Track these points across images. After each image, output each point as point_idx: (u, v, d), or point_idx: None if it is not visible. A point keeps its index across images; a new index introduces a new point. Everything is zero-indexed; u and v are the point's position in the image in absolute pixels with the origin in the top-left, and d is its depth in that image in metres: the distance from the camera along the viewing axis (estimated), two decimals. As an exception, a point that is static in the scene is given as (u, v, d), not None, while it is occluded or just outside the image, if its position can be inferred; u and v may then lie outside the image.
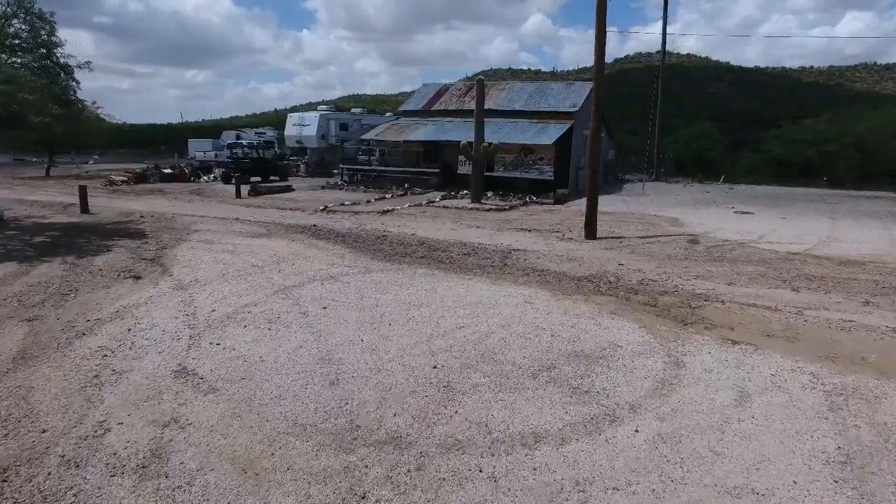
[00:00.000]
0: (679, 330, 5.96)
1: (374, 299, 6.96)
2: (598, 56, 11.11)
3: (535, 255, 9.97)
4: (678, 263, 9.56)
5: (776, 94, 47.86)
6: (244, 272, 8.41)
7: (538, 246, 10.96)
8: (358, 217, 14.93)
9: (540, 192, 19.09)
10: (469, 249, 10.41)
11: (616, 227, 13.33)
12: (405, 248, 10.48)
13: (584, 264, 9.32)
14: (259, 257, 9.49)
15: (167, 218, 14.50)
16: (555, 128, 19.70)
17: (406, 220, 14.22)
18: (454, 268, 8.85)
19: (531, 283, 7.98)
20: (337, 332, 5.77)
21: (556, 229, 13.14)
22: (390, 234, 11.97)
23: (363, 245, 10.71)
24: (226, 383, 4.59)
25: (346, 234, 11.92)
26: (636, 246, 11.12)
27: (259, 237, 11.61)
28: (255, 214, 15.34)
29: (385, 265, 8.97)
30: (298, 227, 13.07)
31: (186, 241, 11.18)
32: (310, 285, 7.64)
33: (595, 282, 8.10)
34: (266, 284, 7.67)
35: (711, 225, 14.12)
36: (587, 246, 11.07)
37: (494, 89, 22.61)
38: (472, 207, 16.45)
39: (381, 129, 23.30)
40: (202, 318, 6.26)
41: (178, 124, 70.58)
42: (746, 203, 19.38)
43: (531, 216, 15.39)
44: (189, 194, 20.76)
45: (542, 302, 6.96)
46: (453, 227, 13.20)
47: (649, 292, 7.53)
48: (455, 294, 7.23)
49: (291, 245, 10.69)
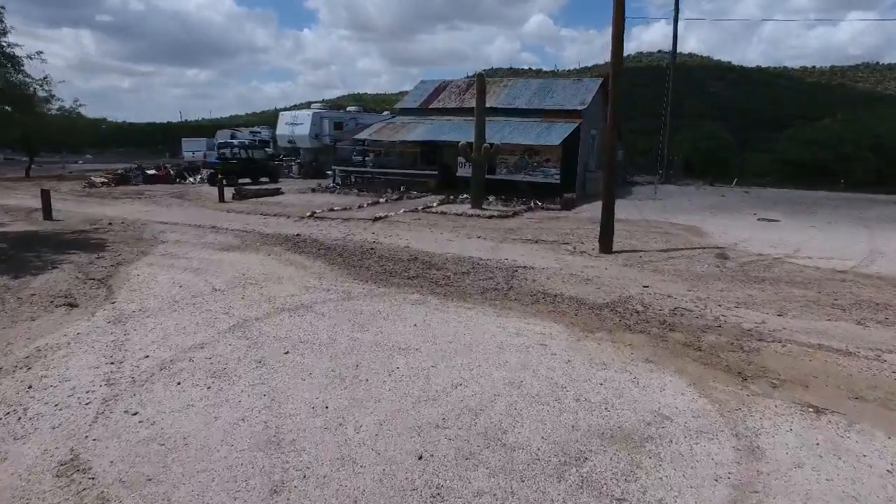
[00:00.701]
0: (740, 389, 4.62)
1: (350, 340, 5.62)
2: (615, 42, 9.76)
3: (545, 275, 8.63)
4: (712, 285, 8.22)
5: (778, 93, 46.58)
6: (201, 298, 7.07)
7: (547, 262, 9.62)
8: (347, 225, 13.59)
9: (545, 197, 17.74)
10: (468, 267, 9.07)
11: (632, 238, 11.99)
12: (395, 264, 9.15)
13: (602, 287, 7.98)
14: (224, 277, 8.15)
15: (137, 226, 13.17)
16: (561, 127, 18.34)
17: (399, 229, 12.88)
18: (451, 292, 7.51)
19: (543, 314, 6.64)
20: (296, 394, 4.43)
21: (566, 240, 11.79)
22: (380, 247, 10.64)
23: (348, 261, 9.37)
24: (124, 488, 3.25)
25: (331, 247, 10.58)
26: (659, 262, 9.78)
27: (231, 250, 10.28)
28: (234, 221, 14.01)
29: (370, 288, 7.62)
30: (279, 237, 11.74)
31: (148, 254, 9.86)
32: (276, 318, 6.30)
33: (619, 312, 6.76)
34: (222, 316, 6.33)
35: (737, 235, 12.78)
36: (603, 262, 9.73)
37: (496, 86, 21.25)
38: (472, 214, 15.11)
39: (375, 128, 21.95)
40: (129, 368, 4.92)
41: (178, 123, 69.39)
42: (767, 208, 18.03)
43: (537, 224, 14.04)
44: (169, 197, 19.42)
45: (559, 343, 5.62)
46: (451, 238, 11.86)
47: (688, 328, 6.19)
48: (451, 332, 5.89)
49: (265, 261, 9.35)
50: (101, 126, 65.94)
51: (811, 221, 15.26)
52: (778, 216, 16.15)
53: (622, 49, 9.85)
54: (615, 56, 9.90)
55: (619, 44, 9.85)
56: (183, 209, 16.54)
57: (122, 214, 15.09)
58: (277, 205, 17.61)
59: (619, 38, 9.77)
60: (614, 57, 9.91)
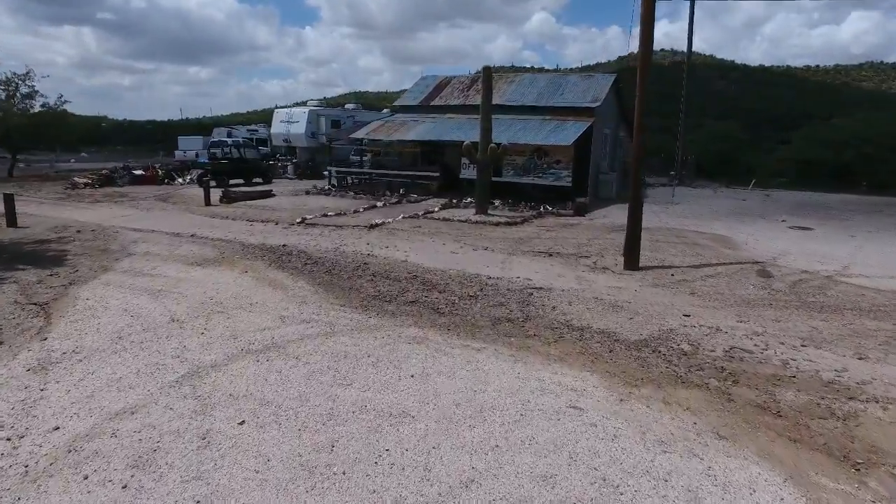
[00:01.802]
0: (856, 487, 3.36)
1: (327, 400, 4.36)
2: (644, 28, 8.48)
3: (566, 299, 7.37)
4: (764, 313, 6.96)
5: (783, 92, 45.27)
6: (153, 333, 5.81)
7: (566, 281, 8.36)
8: (340, 233, 12.33)
9: (556, 201, 16.47)
10: (476, 288, 7.81)
11: (657, 251, 10.71)
12: (391, 284, 7.89)
13: (635, 316, 6.71)
14: (188, 302, 6.90)
15: (107, 234, 11.92)
16: (573, 126, 17.05)
17: (397, 239, 11.62)
18: (456, 325, 6.25)
19: (570, 356, 5.38)
20: (243, 499, 3.18)
21: (584, 253, 10.52)
22: (375, 261, 9.38)
23: (336, 280, 8.11)
24: None
25: (319, 261, 9.33)
26: (694, 281, 8.51)
27: (205, 265, 9.03)
28: (217, 229, 12.76)
29: (359, 319, 6.36)
30: (263, 248, 10.49)
31: (109, 271, 8.61)
32: (238, 364, 5.04)
33: (663, 353, 5.50)
34: (171, 362, 5.07)
35: (772, 247, 11.51)
36: (631, 282, 8.46)
37: (502, 82, 19.95)
38: (478, 220, 13.85)
39: (373, 126, 20.66)
40: (27, 450, 3.67)
41: (178, 121, 68.26)
42: (794, 214, 16.74)
43: (549, 232, 12.77)
44: (153, 200, 18.16)
45: (598, 405, 4.36)
46: (454, 250, 10.60)
47: (754, 378, 4.93)
48: (458, 387, 4.63)
49: (241, 280, 8.10)
50: (101, 124, 65.24)
51: (848, 230, 13.97)
52: (809, 223, 14.87)
53: (652, 35, 8.57)
54: (644, 43, 8.61)
55: (649, 30, 8.57)
56: (164, 214, 15.29)
57: (97, 220, 13.85)
58: (267, 209, 16.36)
59: (648, 21, 8.48)
60: (643, 45, 8.62)
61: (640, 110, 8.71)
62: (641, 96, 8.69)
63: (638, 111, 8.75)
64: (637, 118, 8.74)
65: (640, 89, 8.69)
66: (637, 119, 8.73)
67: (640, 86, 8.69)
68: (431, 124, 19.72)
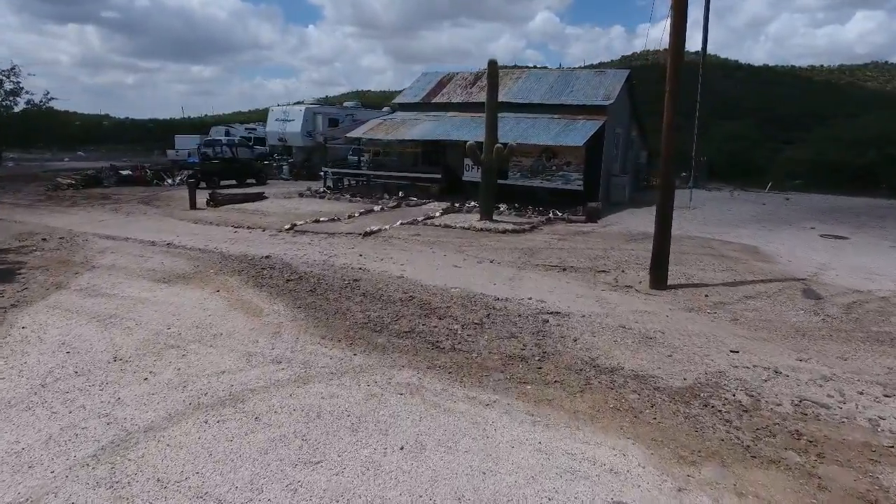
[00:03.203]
0: None
1: (286, 493, 3.25)
2: (676, 12, 7.35)
3: (588, 328, 6.26)
4: (825, 347, 5.84)
5: (788, 92, 44.17)
6: (85, 378, 4.72)
7: (586, 304, 7.25)
8: (331, 242, 11.24)
9: (565, 206, 15.35)
10: (482, 312, 6.71)
11: (683, 264, 9.59)
12: (383, 308, 6.79)
13: (674, 352, 5.60)
14: (141, 333, 5.81)
15: (76, 243, 10.85)
16: (583, 125, 15.92)
17: (393, 249, 10.52)
18: (458, 365, 5.15)
19: (602, 412, 4.27)
20: None
21: (602, 266, 9.41)
22: (367, 278, 8.28)
23: (320, 302, 7.02)
24: None
25: (303, 277, 8.24)
26: (733, 304, 7.39)
27: (173, 282, 7.94)
28: (198, 236, 11.69)
29: (341, 357, 5.26)
30: (243, 260, 9.41)
31: (62, 289, 7.54)
32: (179, 427, 3.95)
33: (717, 409, 4.39)
34: (95, 424, 3.98)
35: (809, 259, 10.38)
36: (660, 304, 7.35)
37: (508, 78, 18.79)
38: (482, 228, 12.74)
39: (371, 125, 19.54)
40: None
41: (180, 120, 67.38)
42: (822, 220, 15.59)
43: (561, 242, 11.65)
44: (136, 203, 17.09)
45: (649, 497, 3.25)
46: (457, 263, 9.50)
47: (841, 448, 3.82)
48: (461, 467, 3.52)
49: (210, 302, 7.00)
50: (102, 122, 64.76)
51: (886, 239, 12.83)
52: (842, 231, 13.72)
53: (685, 21, 7.44)
54: (675, 30, 7.49)
55: (682, 15, 7.44)
56: (144, 219, 14.22)
57: (70, 225, 12.78)
58: (256, 213, 15.28)
59: (681, 7, 7.36)
60: (674, 33, 7.50)
61: (672, 105, 7.60)
62: (673, 88, 7.56)
63: (669, 106, 7.63)
64: (667, 114, 7.62)
65: (672, 81, 7.57)
66: (667, 115, 7.61)
67: (670, 78, 7.57)
68: (432, 123, 18.61)
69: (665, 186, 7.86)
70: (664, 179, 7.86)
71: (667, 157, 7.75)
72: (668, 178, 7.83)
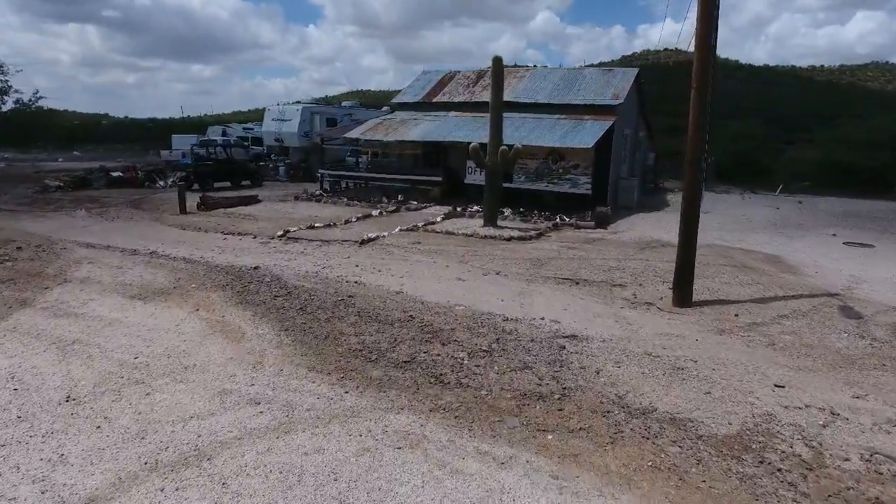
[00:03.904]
0: None
1: None
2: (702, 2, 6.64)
3: (610, 354, 5.56)
4: (880, 379, 5.14)
5: (789, 92, 43.55)
6: (28, 425, 4.02)
7: (605, 324, 6.55)
8: (326, 251, 10.54)
9: (573, 210, 14.63)
10: (490, 336, 6.00)
11: (704, 276, 8.89)
12: (379, 331, 6.09)
13: (711, 387, 4.90)
14: (102, 364, 5.10)
15: (54, 251, 10.14)
16: (592, 126, 15.20)
17: (392, 259, 9.82)
18: (466, 406, 4.44)
19: (640, 473, 3.57)
20: None
21: (618, 280, 8.70)
22: (362, 293, 7.57)
23: (310, 323, 6.31)
24: None
25: (293, 292, 7.53)
26: (767, 324, 6.68)
27: (150, 299, 7.24)
28: (183, 244, 10.98)
29: (330, 396, 4.56)
30: (230, 271, 8.71)
31: (28, 306, 6.84)
32: (125, 498, 3.24)
33: (775, 466, 3.69)
34: (25, 493, 3.27)
35: (838, 271, 9.68)
36: (687, 325, 6.64)
37: (512, 77, 18.07)
38: (486, 235, 12.03)
39: (369, 125, 18.82)
40: None
41: (179, 119, 66.82)
42: (842, 226, 14.89)
43: (571, 250, 10.94)
44: (124, 207, 16.38)
45: None
46: (460, 275, 8.79)
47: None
48: (474, 557, 2.82)
49: (187, 323, 6.29)
50: (101, 122, 64.17)
51: (914, 247, 12.12)
52: (865, 238, 13.01)
53: (715, 2, 6.72)
54: (703, 18, 6.78)
55: (708, 2, 6.73)
56: (129, 224, 13.51)
57: (50, 231, 12.07)
58: (248, 218, 14.57)
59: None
60: (702, 21, 6.78)
61: (699, 103, 6.89)
62: (701, 84, 6.85)
63: (695, 104, 6.92)
64: (693, 113, 6.91)
65: (699, 76, 6.86)
66: (693, 114, 6.90)
67: (697, 72, 6.86)
68: (433, 123, 17.90)
69: (690, 194, 7.15)
70: (690, 186, 7.15)
71: (693, 160, 7.04)
72: (694, 183, 7.12)
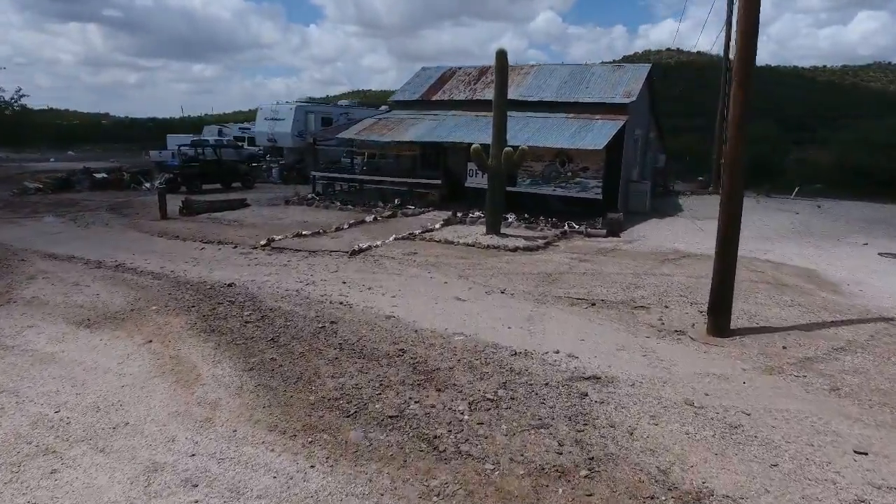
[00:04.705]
0: None
1: None
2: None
3: (645, 408, 4.53)
4: None
5: (791, 93, 42.69)
6: None
7: (631, 361, 5.51)
8: (312, 263, 9.51)
9: (582, 216, 13.60)
10: (496, 380, 4.97)
11: (739, 297, 7.72)
12: (363, 370, 5.06)
13: (777, 458, 3.87)
14: (12, 420, 4.09)
15: (9, 264, 9.16)
16: (602, 126, 14.16)
17: (384, 274, 8.79)
18: (467, 489, 3.41)
19: None
20: None
21: (640, 300, 7.67)
22: (347, 319, 6.55)
23: (281, 359, 5.29)
24: None
25: (267, 317, 6.52)
26: (823, 360, 5.64)
27: (98, 325, 6.22)
28: (155, 255, 9.97)
29: (290, 473, 3.53)
30: (200, 288, 7.70)
31: (-49, 336, 5.80)
32: None
33: None
34: None
35: (882, 289, 8.64)
36: (730, 362, 5.60)
37: (516, 73, 17.00)
38: (489, 244, 10.99)
39: (364, 124, 17.77)
40: None
41: (179, 119, 66.04)
42: (868, 233, 13.82)
43: (583, 263, 9.90)
44: (103, 211, 15.37)
45: None
46: (461, 294, 7.76)
47: None
48: None
49: (134, 360, 5.27)
50: (101, 121, 63.60)
51: (957, 259, 11.07)
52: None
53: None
54: (746, 5, 5.74)
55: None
56: (103, 231, 12.49)
57: (15, 240, 11.07)
58: (233, 224, 13.55)
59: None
60: (745, 7, 5.75)
61: (742, 97, 5.85)
62: (743, 78, 5.82)
63: (737, 100, 5.89)
64: (734, 109, 5.89)
65: (741, 70, 5.83)
66: (734, 110, 5.87)
67: (740, 63, 5.83)
68: (432, 123, 16.86)
69: (731, 206, 6.10)
70: (730, 196, 6.11)
71: (733, 163, 6.01)
72: (735, 192, 6.08)
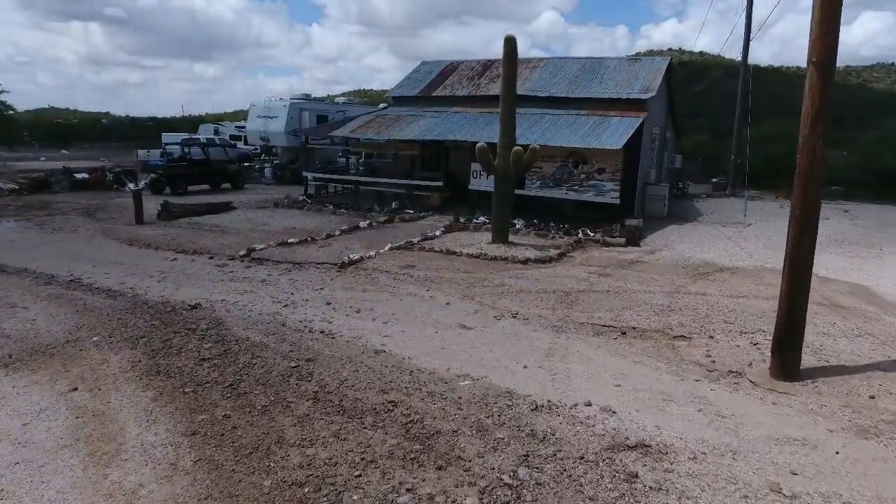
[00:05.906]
0: None
1: None
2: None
3: (718, 496, 3.32)
4: None
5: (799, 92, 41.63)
6: None
7: (685, 418, 4.32)
8: (294, 278, 8.32)
9: (596, 222, 12.39)
10: (514, 452, 3.78)
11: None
12: (342, 433, 3.88)
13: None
14: None
15: (-54, 277, 7.96)
16: (619, 123, 12.94)
17: (376, 294, 7.59)
18: None
19: None
20: None
21: (679, 327, 6.46)
22: (328, 353, 5.36)
23: (237, 416, 4.10)
24: None
25: (231, 350, 5.33)
26: (928, 418, 4.43)
27: (22, 363, 5.04)
28: (120, 266, 8.81)
29: None
30: (159, 311, 6.51)
31: None
32: None
33: None
34: None
35: (957, 310, 7.42)
36: (809, 419, 4.40)
37: (524, 67, 15.73)
38: (496, 256, 9.79)
39: (360, 121, 16.57)
40: None
41: (180, 118, 65.17)
42: (911, 242, 12.60)
43: (604, 278, 8.69)
44: (75, 216, 14.18)
45: None
46: (464, 319, 6.56)
47: None
48: None
49: (45, 417, 4.09)
50: (101, 120, 63.31)
51: None
52: (955, 260, 10.74)
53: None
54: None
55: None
56: (69, 238, 11.31)
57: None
58: (214, 230, 12.36)
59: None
60: None
61: (822, 85, 4.64)
62: (823, 59, 4.61)
63: (817, 88, 4.68)
64: (813, 100, 4.69)
65: (821, 51, 4.62)
66: (814, 101, 4.68)
67: (819, 40, 4.62)
68: (433, 120, 15.66)
69: (804, 217, 4.88)
70: (804, 208, 4.89)
71: (807, 168, 4.80)
72: (809, 202, 4.86)
